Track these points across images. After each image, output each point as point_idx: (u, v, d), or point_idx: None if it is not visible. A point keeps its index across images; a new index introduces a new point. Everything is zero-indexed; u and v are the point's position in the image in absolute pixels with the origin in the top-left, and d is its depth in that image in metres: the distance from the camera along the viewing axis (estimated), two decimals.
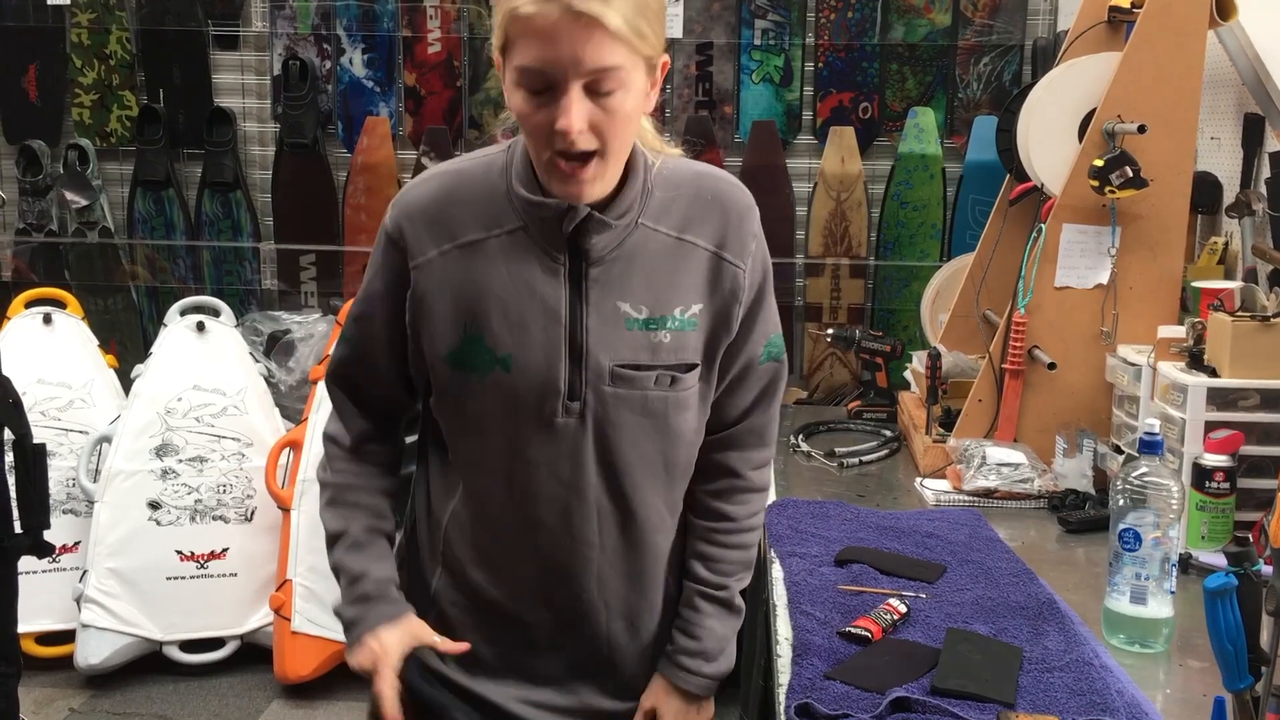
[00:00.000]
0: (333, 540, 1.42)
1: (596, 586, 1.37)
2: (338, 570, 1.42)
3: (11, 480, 2.35)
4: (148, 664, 3.31)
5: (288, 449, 3.32)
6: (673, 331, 1.30)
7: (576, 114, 1.15)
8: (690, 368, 1.32)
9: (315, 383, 3.37)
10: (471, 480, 1.37)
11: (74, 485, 3.40)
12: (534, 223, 1.28)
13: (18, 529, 2.36)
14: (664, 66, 1.24)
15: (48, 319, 3.55)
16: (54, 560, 3.34)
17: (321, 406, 3.25)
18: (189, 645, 3.33)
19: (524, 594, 1.38)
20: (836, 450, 2.54)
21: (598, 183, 1.22)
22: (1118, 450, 2.20)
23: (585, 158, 1.19)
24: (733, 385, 1.40)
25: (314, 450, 3.22)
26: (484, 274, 1.28)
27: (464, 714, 1.41)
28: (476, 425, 1.33)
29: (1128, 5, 2.41)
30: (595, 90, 1.16)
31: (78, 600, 3.25)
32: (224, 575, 3.33)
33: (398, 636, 1.36)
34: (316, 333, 3.83)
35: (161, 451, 3.35)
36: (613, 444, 1.32)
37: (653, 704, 1.43)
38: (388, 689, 1.33)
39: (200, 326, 3.48)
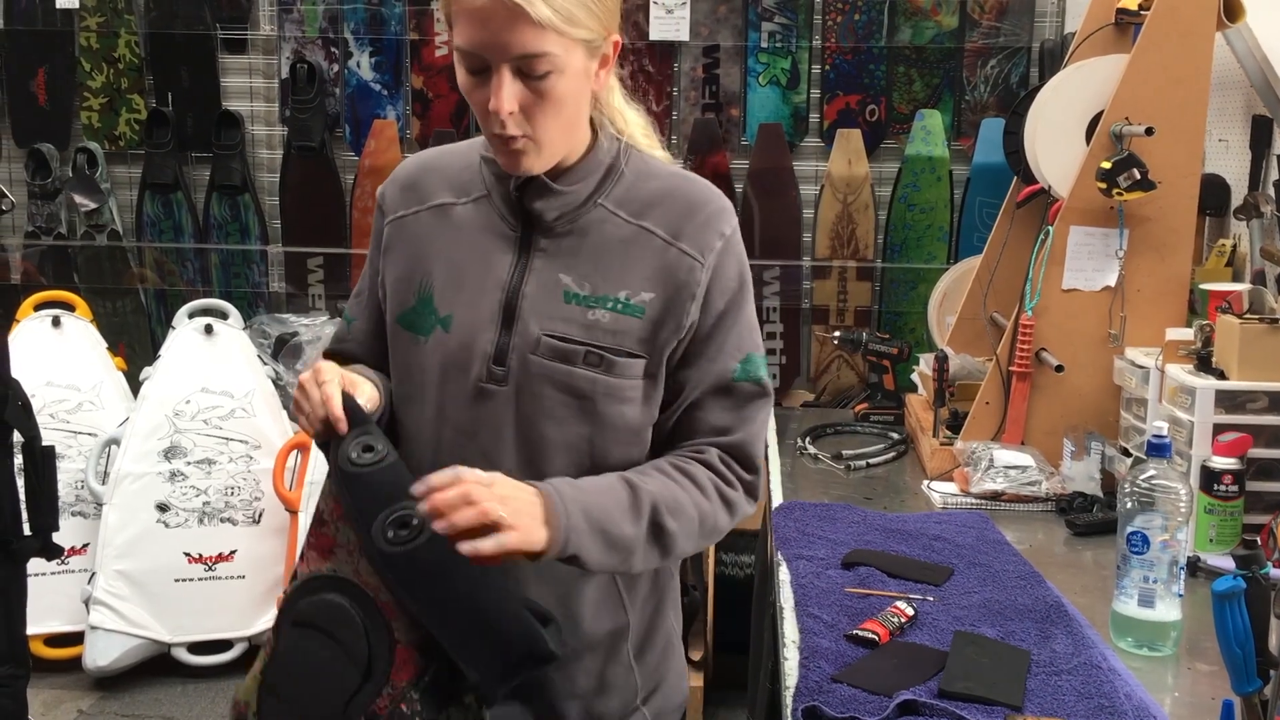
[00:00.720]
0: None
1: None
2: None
3: (21, 482, 2.35)
4: (156, 666, 3.32)
5: (295, 451, 3.32)
6: (612, 313, 1.26)
7: (506, 95, 1.18)
8: (628, 355, 1.27)
9: None
10: (409, 454, 1.32)
11: (83, 487, 3.41)
12: (495, 189, 1.32)
13: (27, 531, 2.37)
14: (615, 45, 1.27)
15: (57, 322, 3.57)
16: (63, 562, 3.35)
17: None
18: (197, 647, 3.33)
19: None
20: (843, 453, 2.54)
21: (532, 158, 1.23)
22: (1125, 453, 2.19)
23: (515, 138, 1.22)
24: (703, 401, 1.31)
25: (321, 453, 3.23)
26: (445, 236, 1.32)
27: None
28: (418, 393, 1.32)
29: (1135, 7, 2.40)
30: (526, 73, 1.19)
31: (86, 602, 3.26)
32: (232, 577, 3.33)
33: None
34: (324, 335, 3.84)
35: (170, 454, 3.35)
36: (532, 418, 1.27)
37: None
38: (332, 385, 1.22)
39: (208, 329, 3.49)
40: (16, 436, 2.35)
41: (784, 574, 1.82)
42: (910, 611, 1.60)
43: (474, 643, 1.16)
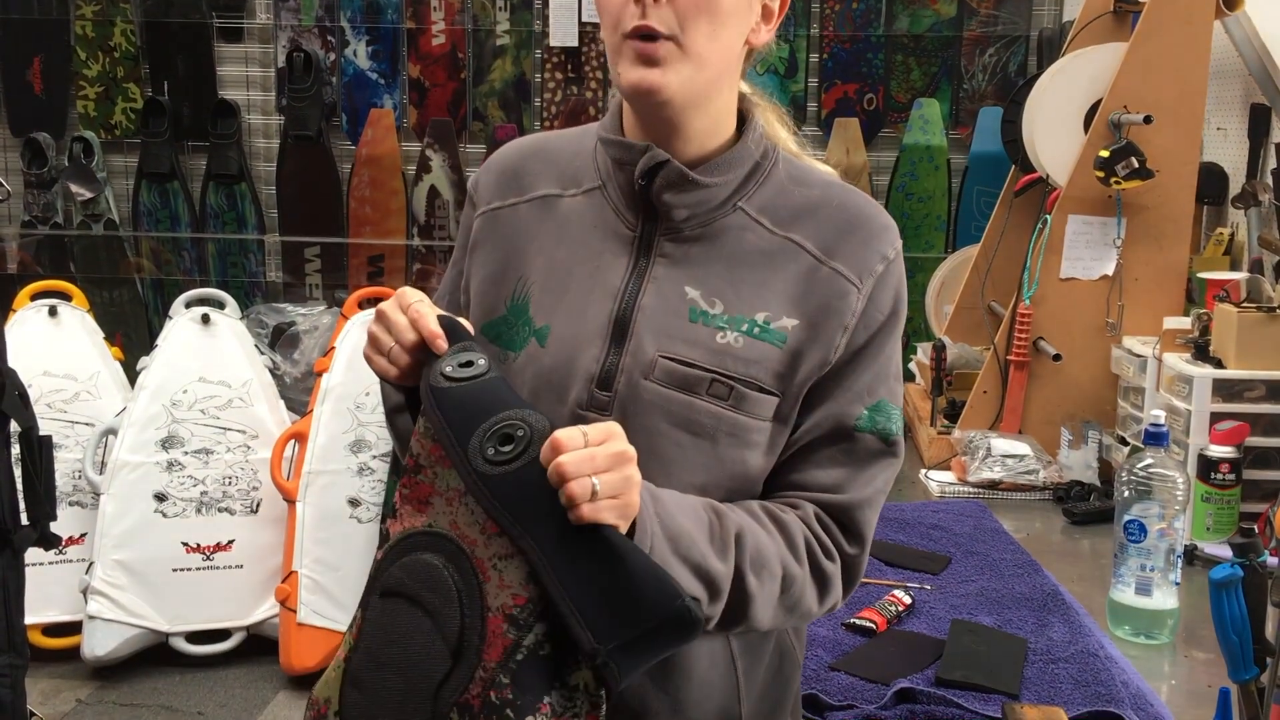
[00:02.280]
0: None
1: None
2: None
3: (18, 472, 2.35)
4: (154, 655, 3.32)
5: (293, 441, 3.32)
6: (748, 338, 1.04)
7: None
8: (760, 389, 1.04)
9: (320, 375, 3.37)
10: None
11: (80, 477, 3.41)
12: (612, 179, 1.09)
13: (24, 521, 2.37)
14: (783, 4, 1.09)
15: (53, 311, 3.55)
16: (60, 552, 3.35)
17: (326, 399, 3.26)
18: (195, 637, 3.33)
19: None
20: None
21: (671, 71, 1.00)
22: (1123, 442, 2.20)
23: (656, 36, 1.00)
24: (814, 446, 1.07)
25: (319, 442, 3.23)
26: (547, 234, 1.11)
27: None
28: None
29: None
30: None
31: (84, 592, 3.26)
32: (230, 567, 3.33)
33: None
34: (321, 325, 3.83)
35: (167, 444, 3.35)
36: (639, 455, 0.94)
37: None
38: (422, 304, 1.02)
39: (205, 319, 3.48)
40: (13, 426, 2.34)
41: None
42: (908, 600, 1.61)
43: (595, 594, 0.89)
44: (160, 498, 3.32)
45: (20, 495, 2.35)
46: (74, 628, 3.32)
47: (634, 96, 1.03)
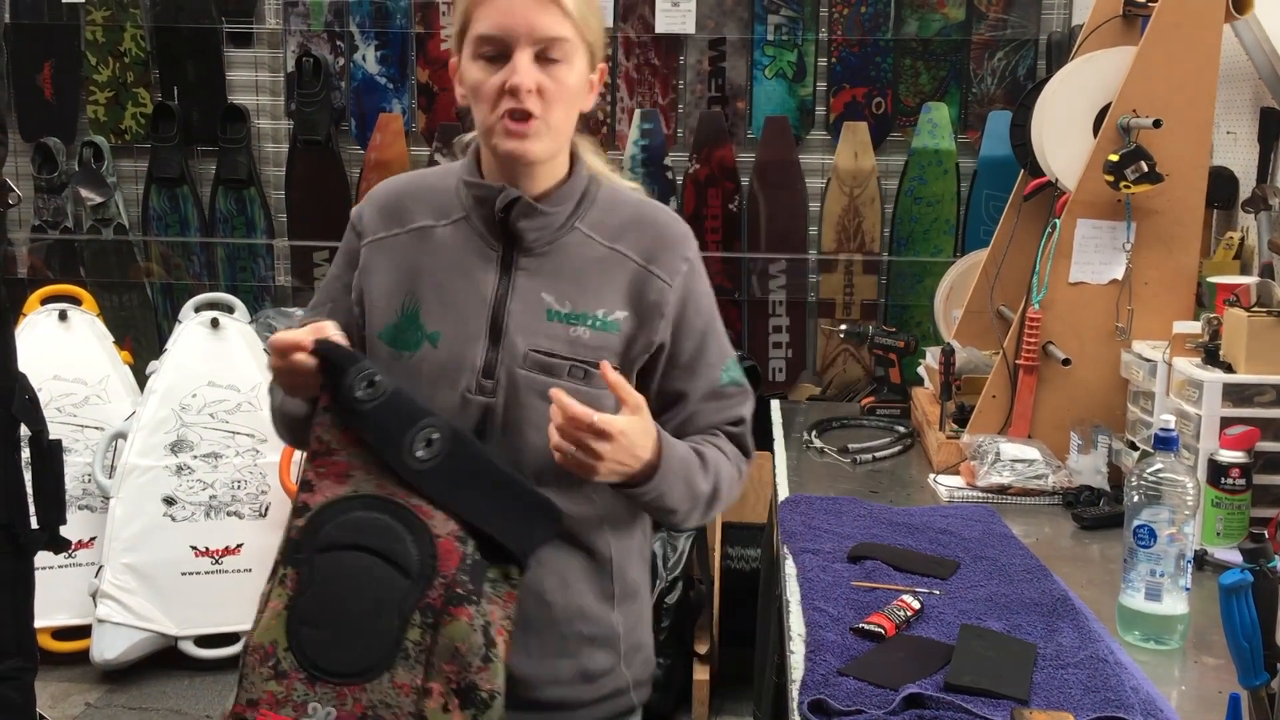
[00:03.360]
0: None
1: None
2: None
3: (28, 476, 2.36)
4: (163, 659, 3.33)
5: None
6: (592, 330, 1.38)
7: (525, 73, 1.31)
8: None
9: None
10: None
11: (90, 481, 3.42)
12: (475, 211, 1.41)
13: (34, 524, 2.37)
14: (602, 72, 1.42)
15: (63, 316, 3.57)
16: (70, 556, 3.37)
17: None
18: (204, 640, 3.34)
19: None
20: (850, 446, 2.54)
21: (539, 142, 1.34)
22: (1133, 446, 2.19)
23: (529, 117, 1.33)
24: (701, 409, 1.45)
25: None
26: (428, 257, 1.42)
27: None
28: None
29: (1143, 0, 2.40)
30: (544, 58, 1.33)
31: (93, 595, 3.27)
32: (238, 571, 3.34)
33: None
34: None
35: (176, 447, 3.36)
36: (517, 425, 1.36)
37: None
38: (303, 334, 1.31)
39: (214, 323, 3.49)
40: (24, 430, 2.35)
41: (790, 567, 1.82)
42: (916, 605, 1.60)
43: (507, 521, 1.30)
44: (169, 501, 3.33)
45: (30, 499, 2.36)
46: (83, 631, 3.33)
47: (509, 160, 1.36)
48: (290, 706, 1.24)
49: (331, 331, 1.33)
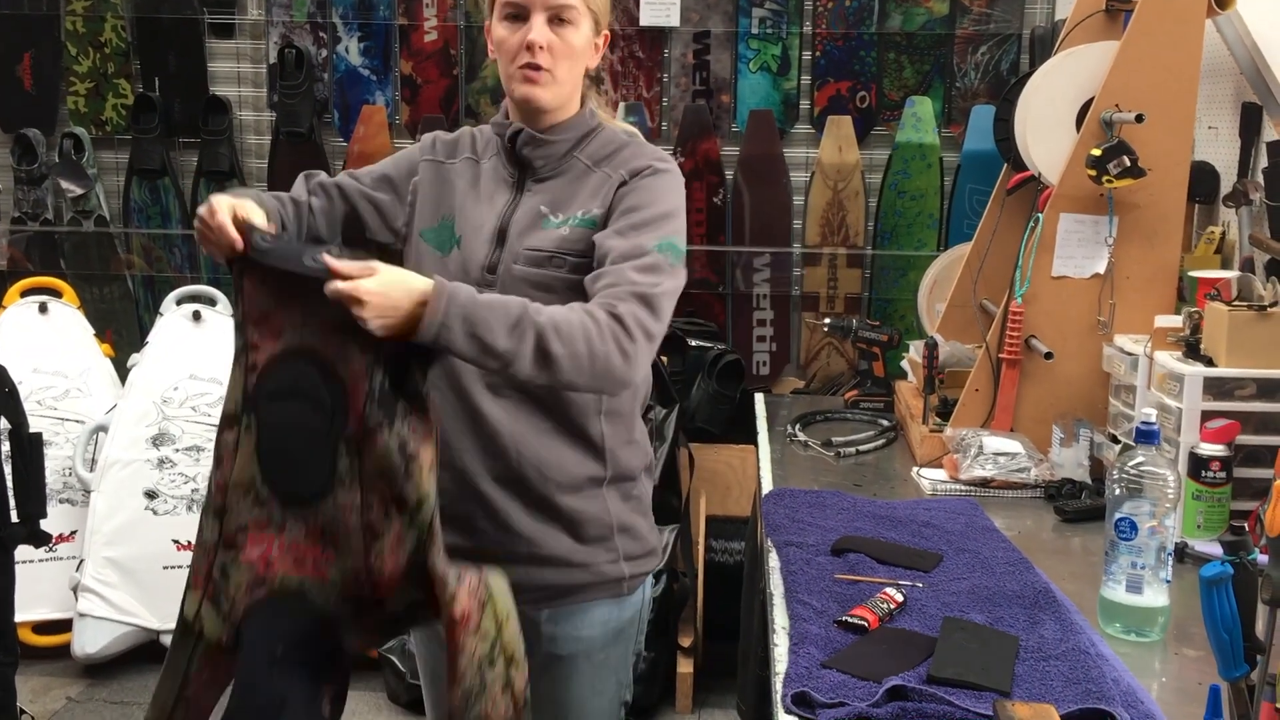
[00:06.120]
0: None
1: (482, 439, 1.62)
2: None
3: (8, 469, 2.35)
4: (145, 653, 3.31)
5: None
6: (573, 227, 1.63)
7: (539, 32, 1.61)
8: (583, 255, 1.61)
9: None
10: None
11: (70, 474, 3.40)
12: (498, 145, 1.73)
13: (14, 518, 2.36)
14: (605, 38, 1.71)
15: (44, 308, 3.55)
16: (51, 549, 3.34)
17: None
18: None
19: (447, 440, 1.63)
20: (833, 440, 2.54)
21: (548, 90, 1.64)
22: (1114, 440, 2.20)
23: (540, 69, 1.62)
24: (621, 267, 1.54)
25: None
26: (464, 181, 1.74)
27: None
28: None
29: None
30: (555, 21, 1.62)
31: (74, 589, 3.25)
32: None
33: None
34: None
35: (158, 441, 3.34)
36: None
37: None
38: (222, 214, 1.48)
39: (196, 316, 3.48)
40: (3, 423, 2.34)
41: (774, 560, 1.82)
42: (899, 598, 1.61)
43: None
44: (151, 495, 3.31)
45: (10, 492, 2.35)
46: (64, 625, 3.32)
47: (524, 104, 1.66)
48: (273, 527, 1.48)
49: (257, 214, 1.51)
